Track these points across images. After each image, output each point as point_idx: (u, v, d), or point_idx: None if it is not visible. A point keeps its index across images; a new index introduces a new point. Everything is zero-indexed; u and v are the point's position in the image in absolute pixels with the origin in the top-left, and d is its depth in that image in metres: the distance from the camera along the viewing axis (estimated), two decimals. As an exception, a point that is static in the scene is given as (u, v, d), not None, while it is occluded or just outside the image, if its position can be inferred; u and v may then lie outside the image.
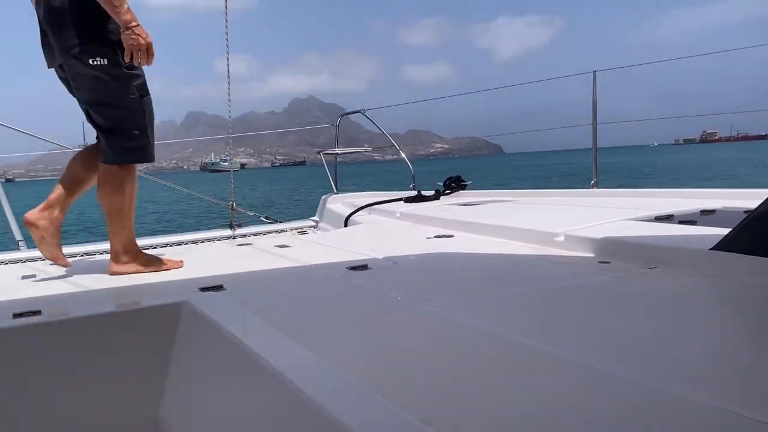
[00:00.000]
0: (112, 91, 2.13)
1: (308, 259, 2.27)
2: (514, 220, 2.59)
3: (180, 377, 1.40)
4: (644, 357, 1.00)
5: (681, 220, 2.22)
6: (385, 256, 2.13)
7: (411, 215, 3.30)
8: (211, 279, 1.81)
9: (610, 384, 0.89)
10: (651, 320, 1.24)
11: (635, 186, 9.25)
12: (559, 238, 2.13)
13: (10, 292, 1.88)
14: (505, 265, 1.99)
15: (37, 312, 1.46)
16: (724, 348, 1.07)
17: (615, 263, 1.79)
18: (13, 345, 1.36)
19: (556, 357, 1.01)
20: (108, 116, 2.17)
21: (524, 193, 3.96)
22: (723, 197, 2.82)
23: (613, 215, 2.46)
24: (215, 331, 1.26)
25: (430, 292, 1.58)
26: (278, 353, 1.04)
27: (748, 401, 0.80)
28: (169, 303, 1.49)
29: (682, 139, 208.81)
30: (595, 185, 4.06)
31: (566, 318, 1.29)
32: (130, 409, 1.39)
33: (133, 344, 1.42)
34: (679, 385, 0.85)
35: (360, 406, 0.81)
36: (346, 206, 4.06)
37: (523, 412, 0.81)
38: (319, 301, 1.57)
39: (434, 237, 2.57)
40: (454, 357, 1.07)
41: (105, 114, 2.17)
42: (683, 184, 14.23)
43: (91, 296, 1.82)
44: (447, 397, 0.87)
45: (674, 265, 1.68)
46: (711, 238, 1.68)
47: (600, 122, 4.20)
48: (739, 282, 1.48)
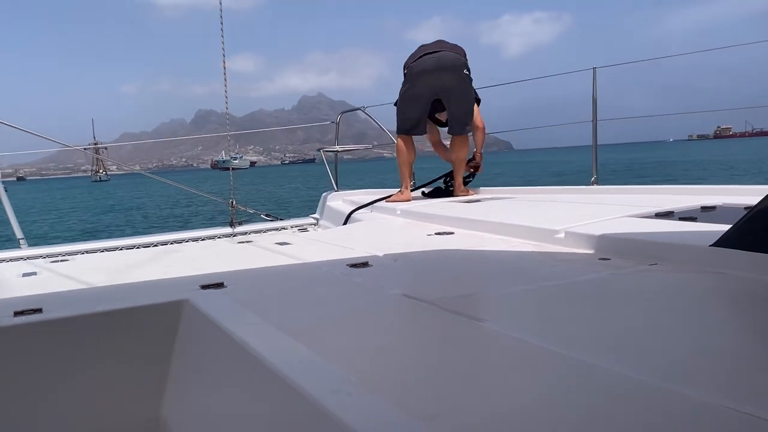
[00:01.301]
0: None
1: (309, 256, 2.27)
2: (515, 217, 2.59)
3: (181, 375, 1.40)
4: (644, 353, 1.00)
5: (681, 217, 2.21)
6: (385, 254, 2.13)
7: (411, 212, 3.30)
8: (212, 276, 1.81)
9: (610, 380, 0.89)
10: (651, 317, 1.24)
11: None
12: (560, 235, 2.12)
13: (10, 290, 1.89)
14: (506, 261, 1.99)
15: (37, 310, 1.46)
16: (724, 344, 1.06)
17: (615, 260, 1.78)
18: (14, 343, 1.36)
19: (557, 354, 1.01)
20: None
21: (525, 189, 3.97)
22: (723, 194, 2.81)
23: (613, 212, 2.45)
24: (216, 329, 1.26)
25: (431, 289, 1.58)
26: (279, 351, 1.04)
27: (746, 397, 0.80)
28: (169, 301, 1.49)
29: (695, 135, 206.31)
30: (596, 182, 4.04)
31: (566, 315, 1.29)
32: (131, 407, 1.39)
33: (134, 342, 1.43)
34: (679, 381, 0.85)
35: (360, 404, 0.80)
36: (346, 204, 4.07)
37: (523, 409, 0.81)
38: (320, 298, 1.57)
39: (435, 234, 2.57)
40: (454, 354, 1.07)
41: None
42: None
43: (91, 294, 1.82)
44: (448, 396, 0.87)
45: (675, 261, 1.68)
46: (711, 234, 1.67)
47: (600, 119, 4.19)
48: (739, 278, 1.48)
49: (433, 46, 4.04)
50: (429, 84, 3.90)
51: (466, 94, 3.99)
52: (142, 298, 1.51)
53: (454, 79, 3.90)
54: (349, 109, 5.71)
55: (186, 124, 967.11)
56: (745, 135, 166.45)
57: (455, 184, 4.09)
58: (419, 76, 3.92)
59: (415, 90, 3.95)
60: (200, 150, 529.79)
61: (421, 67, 3.91)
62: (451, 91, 3.91)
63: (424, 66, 3.90)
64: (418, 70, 3.92)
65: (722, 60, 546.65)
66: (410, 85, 3.97)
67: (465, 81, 3.95)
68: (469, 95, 4.02)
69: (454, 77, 3.90)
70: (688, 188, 3.11)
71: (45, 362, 1.37)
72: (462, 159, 4.08)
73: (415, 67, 3.95)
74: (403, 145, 4.10)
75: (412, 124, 4.05)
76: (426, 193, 4.20)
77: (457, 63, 3.91)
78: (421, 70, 3.90)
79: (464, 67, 3.94)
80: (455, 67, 3.90)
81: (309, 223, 4.24)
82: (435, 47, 4.00)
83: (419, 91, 3.94)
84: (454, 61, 3.91)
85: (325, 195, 4.43)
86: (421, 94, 3.95)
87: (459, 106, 3.97)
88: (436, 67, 3.87)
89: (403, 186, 4.01)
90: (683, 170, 33.17)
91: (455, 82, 3.91)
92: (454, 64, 3.90)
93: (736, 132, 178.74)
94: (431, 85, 3.90)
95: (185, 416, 1.33)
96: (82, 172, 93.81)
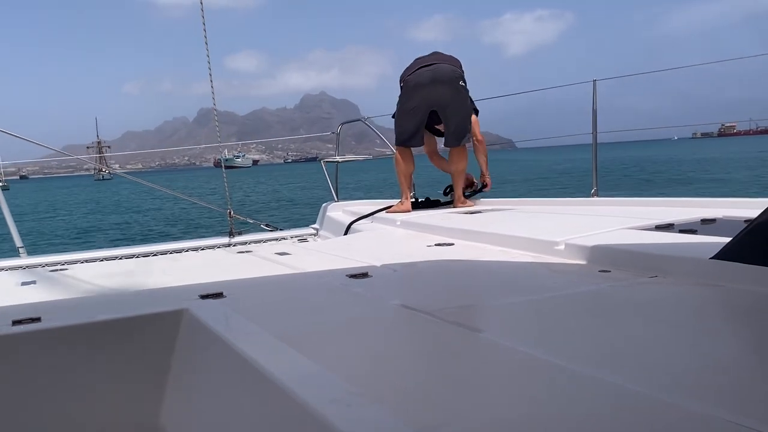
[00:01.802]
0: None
1: (308, 266, 2.27)
2: (515, 229, 2.59)
3: (180, 385, 1.40)
4: (643, 366, 1.00)
5: (681, 229, 2.21)
6: (385, 264, 2.13)
7: (411, 223, 3.31)
8: (211, 286, 1.81)
9: (610, 393, 0.88)
10: (651, 329, 1.23)
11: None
12: (560, 247, 2.12)
13: (9, 299, 1.90)
14: (505, 273, 1.98)
15: (36, 319, 1.46)
16: (724, 357, 1.06)
17: (615, 272, 1.78)
18: (12, 352, 1.36)
19: (557, 365, 1.01)
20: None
21: (525, 201, 3.98)
22: (723, 206, 2.81)
23: (613, 224, 2.45)
24: (215, 339, 1.26)
25: (431, 300, 1.58)
26: (278, 361, 1.04)
27: (746, 410, 0.79)
28: (169, 310, 1.49)
29: (699, 133, 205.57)
30: (596, 194, 4.04)
31: (566, 327, 1.29)
32: (130, 416, 1.39)
33: (133, 351, 1.42)
34: (678, 394, 0.85)
35: (360, 414, 0.80)
36: (346, 214, 4.08)
37: (522, 421, 0.81)
38: (319, 308, 1.57)
39: (435, 245, 2.57)
40: (454, 365, 1.07)
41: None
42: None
43: (90, 303, 1.82)
44: (447, 406, 0.87)
45: (674, 274, 1.67)
46: (711, 247, 1.67)
47: (600, 131, 4.18)
48: (739, 291, 1.48)
49: (429, 58, 4.09)
50: (425, 97, 3.95)
51: (462, 106, 4.02)
52: (142, 307, 1.51)
53: (450, 91, 3.95)
54: (350, 120, 5.74)
55: (188, 122, 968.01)
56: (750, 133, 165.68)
57: (455, 196, 4.12)
58: (415, 90, 3.97)
59: (411, 103, 4.01)
60: (203, 148, 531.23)
61: (416, 81, 3.96)
62: (447, 103, 3.96)
63: (419, 79, 3.95)
64: (414, 83, 3.98)
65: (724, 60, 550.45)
66: (407, 98, 4.03)
67: (461, 93, 3.99)
68: (466, 107, 4.05)
69: (449, 90, 3.94)
70: (688, 201, 3.12)
71: (43, 371, 1.36)
72: (461, 170, 4.11)
73: (411, 81, 4.00)
74: (401, 157, 4.14)
75: (409, 136, 4.09)
76: (419, 203, 4.15)
77: (452, 75, 3.95)
78: (417, 84, 3.95)
79: (460, 79, 3.98)
80: (451, 80, 3.94)
81: (309, 233, 4.24)
82: (430, 60, 4.05)
83: (415, 104, 3.99)
84: (450, 73, 3.95)
85: (325, 205, 4.44)
86: (418, 107, 3.99)
87: (455, 119, 4.01)
88: (431, 80, 3.92)
89: (403, 197, 4.02)
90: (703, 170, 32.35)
91: (451, 94, 3.95)
92: (450, 77, 3.94)
93: (740, 130, 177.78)
94: (427, 98, 3.95)
95: (184, 425, 1.33)
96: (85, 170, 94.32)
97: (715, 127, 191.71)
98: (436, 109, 3.99)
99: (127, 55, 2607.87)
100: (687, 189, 20.86)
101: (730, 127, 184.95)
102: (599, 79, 4.23)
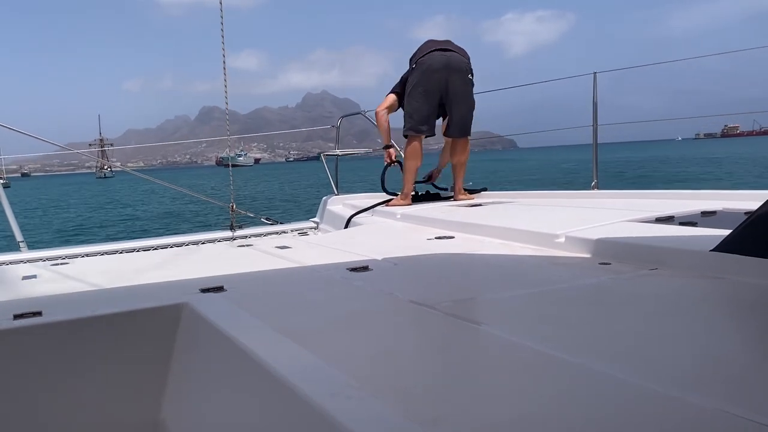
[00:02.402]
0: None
1: (309, 260, 2.27)
2: (515, 222, 2.59)
3: (180, 378, 1.40)
4: (644, 359, 1.00)
5: (681, 222, 2.21)
6: (385, 258, 2.13)
7: (412, 217, 3.30)
8: (212, 280, 1.81)
9: (610, 385, 0.89)
10: (651, 322, 1.24)
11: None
12: (560, 240, 2.12)
13: (10, 293, 1.90)
14: (506, 266, 1.98)
15: (37, 313, 1.46)
16: (725, 350, 1.06)
17: (615, 264, 1.78)
18: (14, 346, 1.36)
19: (557, 358, 1.01)
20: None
21: (525, 194, 3.97)
22: (723, 198, 2.81)
23: (613, 216, 2.45)
24: (216, 333, 1.26)
25: (431, 293, 1.58)
26: (278, 355, 1.04)
27: (748, 403, 0.79)
28: (169, 304, 1.49)
29: (702, 133, 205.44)
30: (596, 186, 4.03)
31: (566, 319, 1.29)
32: (131, 410, 1.39)
33: (134, 345, 1.43)
34: (679, 387, 0.85)
35: (360, 408, 0.80)
36: (347, 208, 4.07)
37: (523, 413, 0.81)
38: (320, 302, 1.57)
39: (435, 238, 2.57)
40: (455, 359, 1.07)
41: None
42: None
43: (91, 297, 1.82)
44: (448, 399, 0.87)
45: (675, 266, 1.67)
46: (712, 239, 1.67)
47: (600, 123, 4.18)
48: (739, 284, 1.48)
49: (443, 43, 4.02)
50: (438, 80, 3.86)
51: (469, 98, 3.99)
52: (142, 301, 1.51)
53: (461, 81, 3.90)
54: (350, 114, 5.72)
55: (190, 120, 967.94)
56: (753, 134, 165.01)
57: (455, 188, 4.10)
58: (427, 73, 3.87)
59: (423, 86, 3.90)
60: (204, 147, 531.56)
61: (429, 63, 3.87)
62: (456, 92, 3.90)
63: (432, 62, 3.86)
64: (427, 66, 3.88)
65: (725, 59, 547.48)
66: (420, 80, 3.91)
67: (469, 85, 3.96)
68: (472, 100, 4.02)
69: (460, 79, 3.90)
70: (688, 193, 3.11)
71: (45, 365, 1.37)
72: (463, 162, 4.08)
73: (424, 62, 3.90)
74: (416, 148, 3.95)
75: (424, 119, 3.93)
76: (419, 196, 4.13)
77: (464, 66, 3.92)
78: (430, 67, 3.87)
79: (470, 71, 3.95)
80: (462, 70, 3.90)
81: (309, 227, 4.24)
82: (444, 45, 3.98)
83: (428, 87, 3.89)
84: (463, 64, 3.91)
85: (326, 199, 4.43)
86: (430, 91, 3.90)
87: (462, 109, 3.96)
88: (445, 66, 3.85)
89: (405, 190, 4.00)
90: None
91: (461, 84, 3.91)
92: (463, 67, 3.91)
93: (743, 131, 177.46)
94: (439, 81, 3.86)
95: (184, 419, 1.33)
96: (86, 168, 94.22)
97: (718, 128, 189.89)
98: (443, 96, 3.91)
99: (128, 54, 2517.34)
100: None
101: (733, 128, 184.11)
102: (599, 72, 4.27)
